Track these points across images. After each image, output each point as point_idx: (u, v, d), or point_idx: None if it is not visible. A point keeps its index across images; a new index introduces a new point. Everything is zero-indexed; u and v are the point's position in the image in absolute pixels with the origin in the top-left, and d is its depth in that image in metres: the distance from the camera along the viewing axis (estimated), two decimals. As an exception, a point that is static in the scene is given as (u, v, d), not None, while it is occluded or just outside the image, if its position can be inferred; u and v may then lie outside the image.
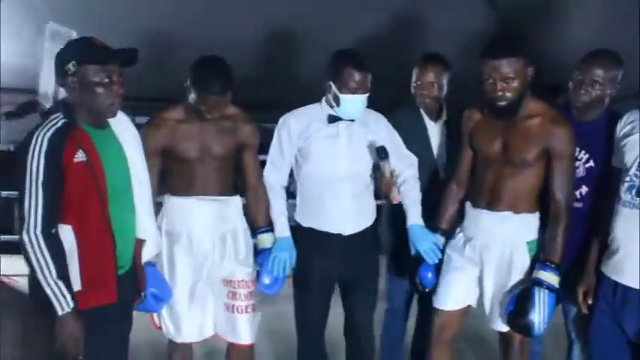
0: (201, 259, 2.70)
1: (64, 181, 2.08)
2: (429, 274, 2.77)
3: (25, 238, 2.04)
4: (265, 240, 2.80)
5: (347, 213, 2.78)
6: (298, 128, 2.77)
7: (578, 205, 2.66)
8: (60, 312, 2.06)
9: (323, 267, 2.81)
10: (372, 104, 2.73)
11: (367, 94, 2.67)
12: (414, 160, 2.89)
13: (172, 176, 2.72)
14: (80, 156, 2.10)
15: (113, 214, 2.20)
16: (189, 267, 2.70)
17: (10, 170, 2.19)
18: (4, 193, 5.37)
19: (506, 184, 2.56)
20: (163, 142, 2.64)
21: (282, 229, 2.81)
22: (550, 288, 2.46)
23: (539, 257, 2.55)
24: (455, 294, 2.72)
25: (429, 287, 2.79)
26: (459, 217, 2.78)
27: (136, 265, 2.39)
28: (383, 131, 2.82)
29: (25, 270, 2.11)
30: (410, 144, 2.89)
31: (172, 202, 2.72)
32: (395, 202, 2.71)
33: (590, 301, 2.52)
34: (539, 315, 2.45)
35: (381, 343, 3.24)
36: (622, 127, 2.44)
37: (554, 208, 2.51)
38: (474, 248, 2.65)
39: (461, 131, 2.76)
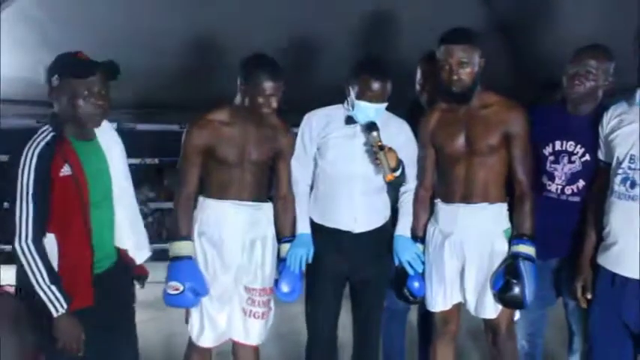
0: (231, 262, 2.75)
1: (51, 193, 2.19)
2: (416, 284, 2.80)
3: (18, 247, 2.16)
4: (287, 249, 2.84)
5: (357, 211, 2.82)
6: (318, 127, 2.83)
7: (575, 199, 2.71)
8: (55, 314, 2.18)
9: (334, 264, 2.85)
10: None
11: (384, 104, 2.72)
12: None
13: (209, 179, 2.76)
14: (66, 170, 2.22)
15: (94, 224, 2.31)
16: (220, 269, 2.75)
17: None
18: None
19: (476, 175, 2.65)
20: (205, 143, 2.69)
21: (303, 225, 2.86)
22: (530, 259, 2.57)
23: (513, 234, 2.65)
24: (441, 296, 2.77)
25: (419, 296, 2.83)
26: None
27: (125, 264, 2.50)
28: (402, 139, 2.84)
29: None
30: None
31: (207, 205, 2.77)
32: (387, 179, 2.72)
33: (589, 296, 2.55)
34: (527, 285, 2.54)
35: (382, 342, 3.24)
36: (609, 121, 2.48)
37: (518, 188, 2.64)
38: (454, 243, 2.70)
39: (420, 135, 2.82)
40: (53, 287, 2.18)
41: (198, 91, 3.80)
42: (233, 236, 2.74)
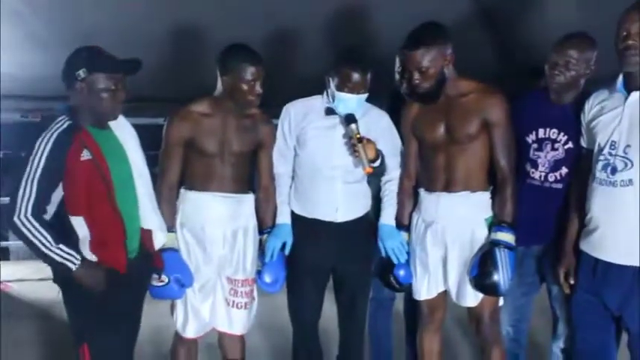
0: (213, 253, 2.77)
1: (72, 177, 2.27)
2: (402, 272, 2.81)
3: (17, 221, 2.23)
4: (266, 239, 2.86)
5: (339, 201, 2.84)
6: (297, 117, 2.84)
7: (558, 186, 2.73)
8: (73, 267, 2.28)
9: (315, 255, 2.86)
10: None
11: (364, 95, 2.74)
12: None
13: (190, 170, 2.78)
14: (86, 155, 2.30)
15: (119, 204, 2.39)
16: (202, 261, 2.77)
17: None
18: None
19: (457, 164, 2.66)
20: (186, 134, 2.71)
21: (283, 216, 2.88)
22: (508, 247, 2.59)
23: (494, 221, 2.66)
24: (425, 284, 2.80)
25: (406, 284, 2.84)
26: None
27: (147, 249, 2.56)
28: (382, 129, 2.86)
29: (18, 275, 2.24)
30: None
31: (188, 196, 2.79)
32: (365, 172, 2.74)
33: (572, 281, 2.57)
34: (502, 273, 2.57)
35: (369, 332, 3.28)
36: (590, 108, 2.49)
37: (499, 174, 2.65)
38: (436, 232, 2.72)
39: (402, 126, 2.84)
40: (61, 246, 2.25)
41: (181, 85, 3.81)
42: (214, 228, 2.76)
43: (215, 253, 2.77)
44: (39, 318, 4.48)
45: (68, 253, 2.27)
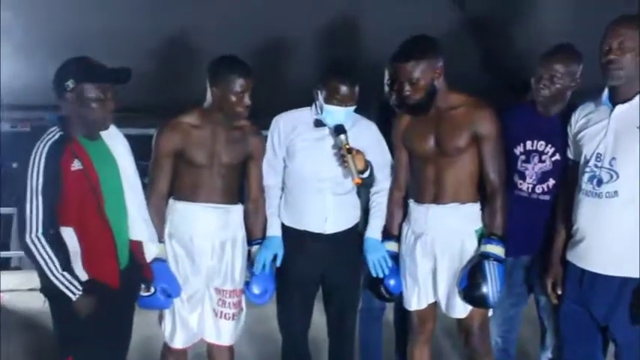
0: (201, 264, 2.77)
1: (61, 187, 2.28)
2: (392, 282, 2.82)
3: (29, 240, 2.26)
4: (256, 251, 2.86)
5: (328, 213, 2.85)
6: (286, 129, 2.86)
7: (545, 197, 2.76)
8: (73, 297, 2.30)
9: (304, 266, 2.87)
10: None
11: (352, 107, 2.76)
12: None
13: (179, 181, 2.78)
14: (77, 165, 2.31)
15: (109, 215, 2.40)
16: (191, 271, 2.77)
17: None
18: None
19: (447, 176, 2.67)
20: (176, 145, 2.72)
21: (273, 228, 2.88)
22: (498, 259, 2.59)
23: (484, 233, 2.67)
24: (415, 295, 2.81)
25: (396, 294, 2.85)
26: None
27: (137, 261, 2.57)
28: (370, 140, 2.87)
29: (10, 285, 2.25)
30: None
31: (177, 207, 2.79)
32: (354, 183, 2.75)
33: (559, 292, 2.59)
34: (491, 286, 2.57)
35: (359, 342, 3.29)
36: (577, 120, 2.51)
37: (489, 187, 2.65)
38: (425, 243, 2.73)
39: (392, 137, 2.85)
40: (65, 274, 2.28)
41: (172, 95, 3.82)
42: (203, 238, 2.76)
43: (203, 264, 2.77)
44: (27, 329, 4.45)
45: (70, 282, 2.29)
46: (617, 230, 2.32)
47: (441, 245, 2.71)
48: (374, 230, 2.88)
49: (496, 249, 2.61)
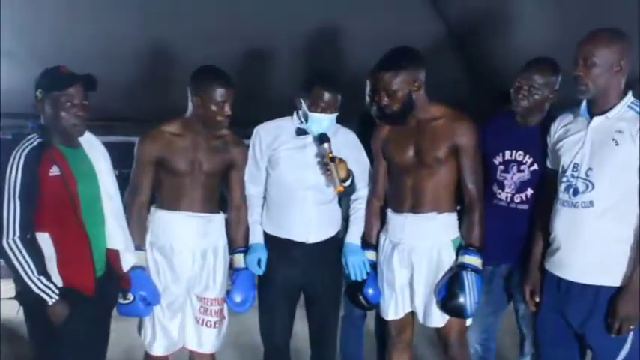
0: (182, 272, 2.78)
1: (39, 193, 2.31)
2: (371, 290, 2.83)
3: (6, 244, 2.28)
4: (240, 260, 2.87)
5: (311, 221, 2.86)
6: (267, 139, 2.87)
7: (524, 207, 2.79)
8: (50, 301, 2.31)
9: (287, 275, 2.87)
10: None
11: (336, 114, 2.79)
12: None
13: (160, 189, 2.80)
14: (55, 171, 2.33)
15: (86, 223, 2.42)
16: (171, 279, 2.78)
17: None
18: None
19: (425, 186, 2.70)
20: (157, 154, 2.74)
21: (256, 236, 2.89)
22: (475, 270, 2.63)
23: (462, 243, 2.71)
24: (392, 305, 2.83)
25: (375, 302, 2.86)
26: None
27: (114, 270, 2.57)
28: (350, 149, 2.89)
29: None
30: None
31: (158, 215, 2.80)
32: (336, 191, 2.77)
33: (537, 299, 2.62)
34: (469, 296, 2.61)
35: (340, 350, 3.30)
36: (555, 130, 2.56)
37: (467, 197, 2.69)
38: (403, 252, 2.76)
39: (372, 147, 2.88)
40: (42, 278, 2.29)
41: (153, 104, 3.83)
42: (184, 247, 2.77)
43: (184, 272, 2.78)
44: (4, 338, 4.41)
45: (47, 286, 2.30)
46: (592, 240, 2.36)
47: (418, 254, 2.73)
48: (354, 235, 2.90)
49: (473, 260, 2.65)
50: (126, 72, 3.79)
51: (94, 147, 2.55)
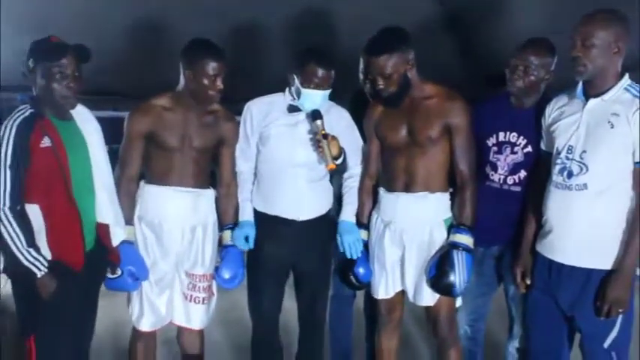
0: (170, 248, 2.76)
1: (30, 164, 2.29)
2: (361, 270, 2.83)
3: None
4: (229, 236, 2.85)
5: (302, 199, 2.84)
6: (259, 115, 2.84)
7: (517, 189, 2.77)
8: (39, 274, 2.30)
9: (276, 253, 2.86)
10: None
11: (329, 90, 2.76)
12: None
13: (150, 164, 2.77)
14: (46, 142, 2.32)
15: (76, 196, 2.40)
16: (160, 254, 2.76)
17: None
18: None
19: (418, 165, 2.69)
20: (148, 128, 2.71)
21: (246, 213, 2.88)
22: (466, 249, 2.63)
23: (453, 223, 2.70)
24: (383, 284, 2.82)
25: (365, 282, 2.86)
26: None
27: (103, 244, 2.55)
28: (343, 127, 2.87)
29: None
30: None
31: (147, 190, 2.77)
32: (328, 168, 2.76)
33: (528, 282, 2.62)
34: (458, 275, 2.61)
35: (329, 329, 3.31)
36: (550, 112, 2.54)
37: (459, 177, 2.69)
38: (394, 231, 2.75)
39: (365, 126, 2.87)
40: (31, 250, 2.29)
41: (145, 79, 3.78)
42: (173, 222, 2.75)
43: (173, 248, 2.76)
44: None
45: (35, 258, 2.29)
46: (585, 223, 2.36)
47: (410, 234, 2.73)
48: (348, 214, 2.89)
49: (465, 239, 2.65)
50: (115, 45, 3.73)
51: (86, 120, 2.52)
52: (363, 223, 2.88)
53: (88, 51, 2.41)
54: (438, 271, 2.64)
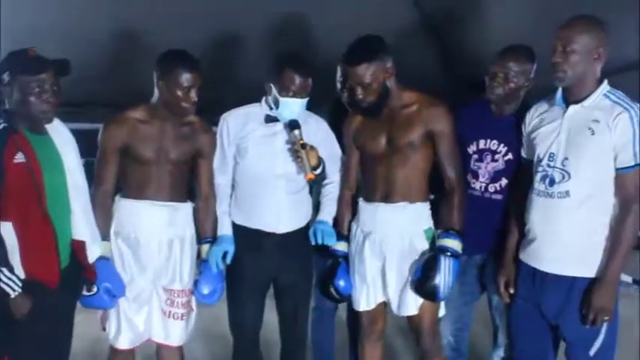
0: (147, 263, 2.71)
1: (2, 180, 2.20)
2: (342, 282, 2.79)
3: None
4: (208, 250, 2.80)
5: (281, 211, 2.80)
6: (236, 126, 2.80)
7: (498, 197, 2.76)
8: (12, 294, 2.23)
9: (256, 266, 2.82)
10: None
11: (306, 98, 2.72)
12: None
13: (126, 177, 2.72)
14: (19, 157, 2.24)
15: (51, 212, 2.32)
16: (137, 270, 2.71)
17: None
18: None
19: (397, 175, 2.66)
20: (122, 141, 2.65)
21: (224, 228, 2.83)
22: (454, 254, 2.59)
23: (441, 227, 2.67)
24: (364, 295, 2.79)
25: (346, 294, 2.82)
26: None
27: (79, 261, 2.47)
28: (321, 136, 2.84)
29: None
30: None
31: (123, 204, 2.72)
32: (307, 179, 2.72)
33: (511, 291, 2.59)
34: (443, 279, 2.57)
35: (311, 341, 3.28)
36: (531, 120, 2.53)
37: (447, 183, 2.66)
38: (374, 242, 2.72)
39: (344, 136, 2.84)
40: (4, 269, 2.22)
41: (119, 89, 3.74)
42: (149, 236, 2.70)
43: (150, 263, 2.71)
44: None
45: (9, 278, 2.23)
46: (568, 230, 2.34)
47: (390, 244, 2.69)
48: (324, 214, 2.87)
49: (453, 243, 2.61)
50: (91, 55, 3.68)
51: (61, 134, 2.46)
52: (342, 234, 2.84)
53: (68, 65, 2.36)
54: (422, 274, 2.60)
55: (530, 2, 3.62)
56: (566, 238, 2.35)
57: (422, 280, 2.60)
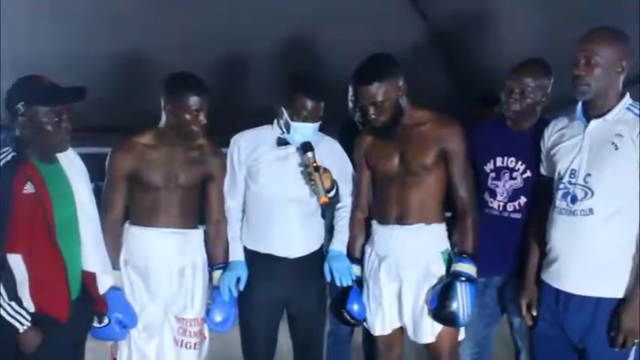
0: (158, 292, 2.66)
1: (12, 210, 2.15)
2: (355, 306, 2.71)
3: None
4: (220, 277, 2.75)
5: (294, 236, 2.75)
6: (247, 149, 2.76)
7: (517, 215, 2.69)
8: (21, 329, 2.17)
9: (268, 292, 2.76)
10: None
11: (318, 122, 2.68)
12: None
13: (135, 204, 2.69)
14: (29, 188, 2.19)
15: (61, 243, 2.27)
16: (148, 299, 2.66)
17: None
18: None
19: (412, 196, 2.60)
20: (130, 167, 2.62)
21: (236, 253, 2.78)
22: (469, 279, 2.53)
23: (455, 252, 2.62)
24: (379, 320, 2.72)
25: (360, 318, 2.75)
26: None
27: (90, 292, 2.45)
28: (334, 157, 2.80)
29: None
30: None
31: (132, 232, 2.68)
32: (321, 202, 2.67)
33: (534, 313, 2.51)
34: (462, 305, 2.52)
35: None
36: (550, 135, 2.47)
37: (460, 205, 2.61)
38: (390, 266, 2.65)
39: (355, 156, 2.79)
40: (13, 303, 2.16)
41: (127, 113, 3.71)
42: (160, 265, 2.66)
43: (161, 292, 2.66)
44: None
45: (18, 312, 2.17)
46: (592, 249, 2.27)
47: (406, 268, 2.62)
48: (337, 243, 2.80)
49: (467, 267, 2.55)
50: (98, 79, 3.65)
51: (71, 162, 2.41)
52: (355, 257, 2.77)
53: (84, 92, 2.30)
54: (440, 302, 2.54)
55: (537, 18, 3.57)
56: (590, 257, 2.27)
57: (440, 308, 2.54)
